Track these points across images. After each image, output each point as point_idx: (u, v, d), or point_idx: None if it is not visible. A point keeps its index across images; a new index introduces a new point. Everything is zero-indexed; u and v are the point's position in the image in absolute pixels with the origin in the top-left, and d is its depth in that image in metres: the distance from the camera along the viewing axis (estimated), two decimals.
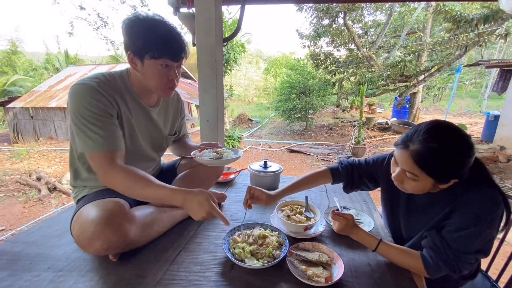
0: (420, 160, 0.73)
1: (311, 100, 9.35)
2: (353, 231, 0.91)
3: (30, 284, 0.77)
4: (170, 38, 0.90)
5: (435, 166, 0.73)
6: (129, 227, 0.84)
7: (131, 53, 0.90)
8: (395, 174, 0.82)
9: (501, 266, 1.08)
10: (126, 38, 0.89)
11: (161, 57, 0.89)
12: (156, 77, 0.93)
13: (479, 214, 0.73)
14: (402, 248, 0.87)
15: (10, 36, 16.62)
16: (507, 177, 4.35)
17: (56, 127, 8.53)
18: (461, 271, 0.76)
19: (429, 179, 0.75)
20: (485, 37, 6.47)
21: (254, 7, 7.78)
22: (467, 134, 0.74)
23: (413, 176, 0.77)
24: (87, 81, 0.88)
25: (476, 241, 0.74)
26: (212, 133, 1.89)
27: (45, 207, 3.88)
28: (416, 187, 0.79)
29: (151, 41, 0.87)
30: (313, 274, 0.79)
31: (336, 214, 0.94)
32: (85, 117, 0.84)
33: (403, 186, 0.82)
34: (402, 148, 0.78)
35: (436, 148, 0.71)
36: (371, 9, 9.96)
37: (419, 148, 0.73)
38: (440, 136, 0.73)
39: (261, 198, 1.05)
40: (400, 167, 0.80)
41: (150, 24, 0.88)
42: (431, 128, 0.74)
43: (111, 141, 0.87)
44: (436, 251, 0.78)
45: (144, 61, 0.90)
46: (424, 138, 0.73)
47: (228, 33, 6.47)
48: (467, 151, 0.72)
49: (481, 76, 20.51)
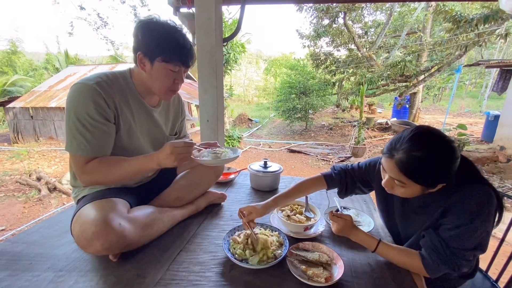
0: (405, 169, 0.74)
1: (311, 100, 9.36)
2: (352, 232, 0.91)
3: (30, 284, 0.77)
4: (184, 44, 0.94)
5: (421, 174, 0.74)
6: (129, 227, 0.84)
7: (141, 53, 0.92)
8: (384, 181, 0.83)
9: (501, 266, 1.08)
10: (140, 38, 0.91)
11: (172, 61, 0.92)
12: (163, 79, 0.96)
13: (474, 210, 0.74)
14: (401, 248, 0.87)
15: (10, 36, 16.68)
16: (507, 177, 4.35)
17: (56, 127, 8.53)
18: (460, 269, 0.76)
19: (417, 186, 0.76)
20: (485, 37, 6.47)
21: (254, 7, 7.79)
22: (450, 138, 0.75)
23: (401, 184, 0.78)
24: (89, 82, 0.89)
25: (472, 237, 0.75)
26: (212, 133, 1.89)
27: (45, 207, 3.88)
28: (405, 193, 0.80)
29: (165, 45, 0.90)
30: (313, 274, 0.79)
31: (334, 215, 0.93)
32: (79, 119, 0.86)
33: (393, 191, 0.83)
34: (387, 157, 0.78)
35: (419, 157, 0.72)
36: (371, 9, 9.96)
37: (403, 157, 0.74)
38: (422, 144, 0.73)
39: (253, 213, 0.99)
40: (388, 174, 0.81)
41: (166, 29, 0.92)
42: (413, 136, 0.75)
43: (96, 148, 0.89)
44: (435, 250, 0.78)
45: (154, 63, 0.92)
46: (407, 147, 0.74)
47: (228, 33, 6.48)
48: (451, 156, 0.73)
49: (481, 76, 20.51)
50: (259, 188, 1.51)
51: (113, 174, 0.90)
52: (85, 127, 0.86)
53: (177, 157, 0.87)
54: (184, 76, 1.02)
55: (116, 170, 0.90)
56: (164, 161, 0.88)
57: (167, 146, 0.87)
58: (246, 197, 1.42)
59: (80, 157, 0.88)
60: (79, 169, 0.89)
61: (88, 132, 0.87)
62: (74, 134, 0.87)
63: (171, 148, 0.86)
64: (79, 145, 0.87)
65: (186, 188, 1.17)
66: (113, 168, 0.90)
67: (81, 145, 0.87)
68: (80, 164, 0.89)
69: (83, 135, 0.87)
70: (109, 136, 0.93)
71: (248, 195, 1.45)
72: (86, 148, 0.87)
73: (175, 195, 1.14)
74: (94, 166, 0.89)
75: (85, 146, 0.87)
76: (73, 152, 0.88)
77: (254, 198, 1.40)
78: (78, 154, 0.88)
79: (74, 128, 0.86)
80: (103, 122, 0.89)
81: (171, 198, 1.13)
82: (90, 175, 0.89)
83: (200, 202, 1.23)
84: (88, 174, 0.89)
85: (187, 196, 1.18)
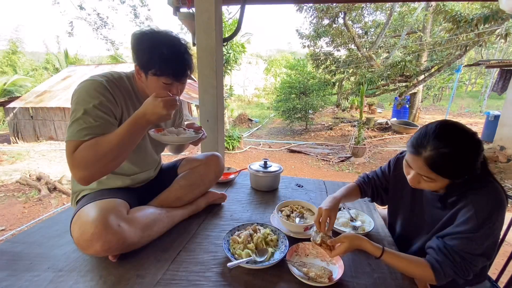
0: (435, 167, 0.75)
1: (311, 100, 9.35)
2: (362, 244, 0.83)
3: (30, 284, 0.77)
4: (173, 58, 0.90)
5: (451, 169, 0.75)
6: (128, 228, 0.84)
7: (137, 66, 0.93)
8: (410, 177, 0.83)
9: (501, 266, 1.09)
10: (133, 51, 0.92)
11: (163, 75, 0.91)
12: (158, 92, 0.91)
13: (485, 216, 0.74)
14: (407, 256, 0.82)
15: (10, 36, 16.57)
16: (507, 177, 4.35)
17: (56, 127, 8.53)
18: (469, 276, 0.76)
19: (445, 180, 0.77)
20: (485, 37, 6.46)
21: (254, 7, 7.78)
22: (474, 131, 0.76)
23: (429, 179, 0.79)
24: (98, 78, 0.90)
25: (481, 244, 0.74)
26: (212, 133, 1.89)
27: (45, 207, 3.88)
28: (432, 187, 0.82)
29: (155, 59, 0.88)
30: (316, 275, 0.78)
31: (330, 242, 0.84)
32: (86, 110, 0.83)
33: (420, 186, 0.84)
34: (414, 153, 0.79)
35: (448, 154, 0.73)
36: (371, 9, 9.95)
37: (432, 155, 0.75)
38: (450, 141, 0.74)
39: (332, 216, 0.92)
40: (415, 171, 0.81)
41: (156, 42, 0.89)
42: (440, 132, 0.76)
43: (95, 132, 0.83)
44: (445, 257, 0.77)
45: (148, 76, 0.92)
46: (435, 144, 0.75)
47: (228, 33, 6.47)
48: (477, 148, 0.75)
49: (481, 76, 20.51)
50: (259, 188, 1.51)
51: (104, 151, 0.80)
52: (90, 116, 0.83)
53: (165, 104, 0.81)
54: (182, 88, 1.00)
55: (106, 144, 0.81)
56: (152, 110, 0.82)
57: (150, 97, 0.83)
58: (246, 197, 1.42)
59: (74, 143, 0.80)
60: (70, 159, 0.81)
61: (92, 120, 0.83)
62: (78, 122, 0.82)
63: (153, 97, 0.83)
64: (80, 132, 0.81)
65: (186, 188, 1.17)
66: (103, 144, 0.81)
67: (82, 131, 0.81)
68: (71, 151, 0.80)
69: (87, 123, 0.82)
70: (111, 127, 0.88)
71: (248, 195, 1.45)
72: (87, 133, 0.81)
73: (175, 195, 1.14)
74: (82, 150, 0.80)
75: (86, 131, 0.81)
76: (71, 138, 0.81)
77: (254, 198, 1.40)
78: (76, 139, 0.81)
79: (79, 117, 0.82)
80: (109, 114, 0.88)
81: (171, 198, 1.13)
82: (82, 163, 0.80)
83: (200, 202, 1.23)
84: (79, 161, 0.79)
85: (187, 196, 1.18)
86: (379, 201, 1.15)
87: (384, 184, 1.11)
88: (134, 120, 0.84)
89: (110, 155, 0.82)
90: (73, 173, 0.82)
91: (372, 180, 1.13)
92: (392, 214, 1.11)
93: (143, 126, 0.85)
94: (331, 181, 1.68)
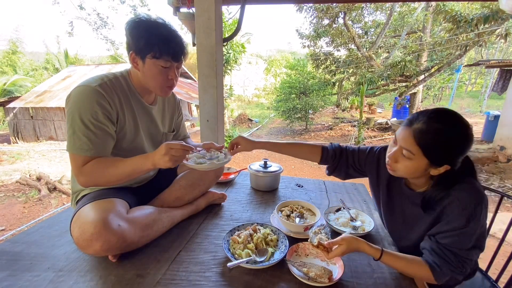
0: (420, 138, 0.76)
1: (311, 100, 9.36)
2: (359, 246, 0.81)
3: (30, 284, 0.77)
4: (171, 39, 0.93)
5: (434, 146, 0.75)
6: (128, 228, 0.84)
7: (133, 52, 0.93)
8: (390, 153, 0.84)
9: (501, 266, 1.08)
10: (129, 38, 0.92)
11: (162, 57, 0.92)
12: (157, 76, 0.96)
13: (471, 212, 0.75)
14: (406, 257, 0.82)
15: (10, 36, 16.56)
16: (507, 177, 4.35)
17: (56, 127, 8.53)
18: (466, 271, 0.77)
19: (423, 160, 0.77)
20: (485, 37, 6.46)
21: (254, 7, 7.78)
22: (470, 125, 0.76)
23: (409, 154, 0.78)
24: (92, 84, 0.90)
25: (471, 238, 0.76)
26: (212, 133, 1.89)
27: (45, 207, 3.88)
28: (408, 167, 0.81)
29: (153, 41, 0.90)
30: (316, 275, 0.78)
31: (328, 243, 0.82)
32: (83, 120, 0.87)
33: (396, 165, 0.83)
34: (406, 125, 0.80)
35: (438, 128, 0.74)
36: (371, 9, 9.95)
37: (422, 126, 0.76)
38: (444, 118, 0.76)
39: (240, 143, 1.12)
40: (398, 144, 0.82)
41: (153, 25, 0.92)
42: (437, 110, 0.78)
43: (98, 149, 0.89)
44: (440, 257, 0.77)
45: (146, 61, 0.93)
46: (428, 118, 0.76)
47: (228, 33, 6.48)
48: (466, 139, 0.75)
49: (481, 76, 20.52)
50: (259, 188, 1.51)
51: (110, 174, 0.89)
52: (88, 128, 0.87)
53: (171, 158, 0.85)
54: (178, 72, 1.02)
55: (113, 170, 0.89)
56: (158, 161, 0.86)
57: (163, 146, 0.86)
58: (246, 197, 1.41)
59: (80, 157, 0.88)
60: (77, 170, 0.89)
61: (92, 133, 0.88)
62: (77, 135, 0.87)
63: (166, 148, 0.85)
64: (82, 146, 0.87)
65: (186, 188, 1.17)
66: (110, 168, 0.89)
67: (84, 145, 0.87)
68: (79, 164, 0.88)
69: (87, 136, 0.87)
70: (110, 137, 0.94)
71: (248, 195, 1.45)
72: (89, 148, 0.88)
73: (175, 195, 1.14)
74: (91, 166, 0.88)
75: (88, 146, 0.87)
76: (75, 152, 0.88)
77: (254, 198, 1.40)
78: (81, 154, 0.88)
79: (77, 129, 0.87)
80: (106, 124, 0.91)
81: (171, 198, 1.13)
82: (88, 176, 0.89)
83: (200, 202, 1.23)
84: (86, 175, 0.89)
85: (187, 196, 1.18)
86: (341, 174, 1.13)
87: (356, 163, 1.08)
88: (142, 160, 0.89)
89: (114, 179, 0.90)
90: (77, 179, 0.90)
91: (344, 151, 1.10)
92: (381, 215, 1.10)
93: (148, 168, 0.90)
94: (331, 181, 1.68)
